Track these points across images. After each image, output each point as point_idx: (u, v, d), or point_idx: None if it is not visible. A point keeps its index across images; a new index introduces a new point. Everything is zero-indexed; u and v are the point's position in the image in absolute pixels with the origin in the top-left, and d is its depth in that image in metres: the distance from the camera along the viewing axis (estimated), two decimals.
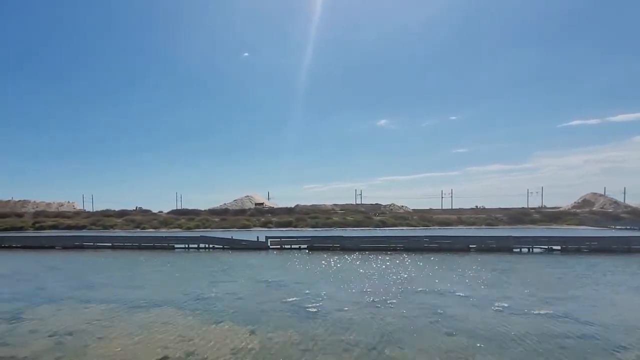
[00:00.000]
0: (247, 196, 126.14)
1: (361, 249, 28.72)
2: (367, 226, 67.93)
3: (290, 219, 73.69)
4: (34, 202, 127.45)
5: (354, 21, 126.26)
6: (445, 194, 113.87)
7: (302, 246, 30.20)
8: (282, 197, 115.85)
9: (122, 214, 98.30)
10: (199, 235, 33.19)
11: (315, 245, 29.95)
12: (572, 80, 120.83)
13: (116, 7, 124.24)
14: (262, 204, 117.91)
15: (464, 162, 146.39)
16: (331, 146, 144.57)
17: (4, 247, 35.71)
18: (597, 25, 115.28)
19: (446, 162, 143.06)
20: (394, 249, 28.29)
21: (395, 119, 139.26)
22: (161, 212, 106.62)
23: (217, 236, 33.45)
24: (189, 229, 69.81)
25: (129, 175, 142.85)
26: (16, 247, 35.49)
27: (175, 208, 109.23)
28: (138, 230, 70.76)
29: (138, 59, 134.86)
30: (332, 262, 22.74)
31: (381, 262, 22.15)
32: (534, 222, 64.86)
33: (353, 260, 23.64)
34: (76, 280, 17.03)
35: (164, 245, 32.76)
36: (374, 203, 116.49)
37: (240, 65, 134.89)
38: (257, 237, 31.48)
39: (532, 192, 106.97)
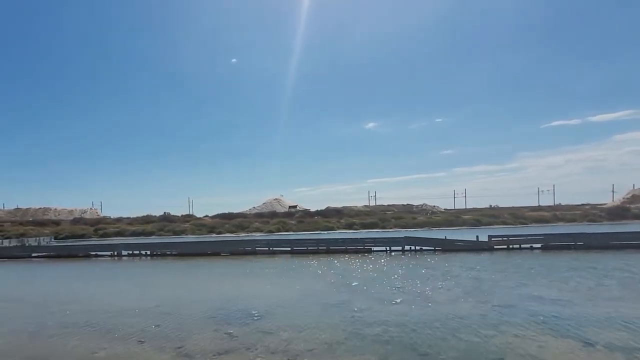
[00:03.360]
0: (276, 199, 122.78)
1: (610, 247, 25.29)
2: (461, 225, 64.57)
3: (373, 220, 69.92)
4: (55, 209, 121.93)
5: (341, 26, 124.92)
6: (458, 194, 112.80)
7: (535, 245, 26.64)
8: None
9: (164, 218, 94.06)
10: (402, 237, 29.34)
11: (551, 244, 26.41)
12: (552, 82, 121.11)
13: (104, 16, 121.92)
14: (296, 206, 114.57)
15: (450, 164, 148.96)
16: (320, 149, 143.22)
17: (156, 255, 31.40)
18: (576, 30, 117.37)
19: (434, 164, 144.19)
20: None
21: (384, 122, 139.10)
22: (195, 217, 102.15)
23: (422, 236, 29.66)
24: (270, 232, 65.59)
25: (119, 182, 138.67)
26: (171, 255, 31.19)
27: (188, 213, 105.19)
28: (213, 235, 66.17)
29: (125, 66, 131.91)
30: None
31: None
32: (637, 217, 62.34)
33: None
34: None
35: (359, 248, 28.86)
36: (405, 204, 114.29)
37: (229, 71, 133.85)
38: (477, 236, 27.78)
39: (542, 191, 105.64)
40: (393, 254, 27.96)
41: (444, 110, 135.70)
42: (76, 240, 64.47)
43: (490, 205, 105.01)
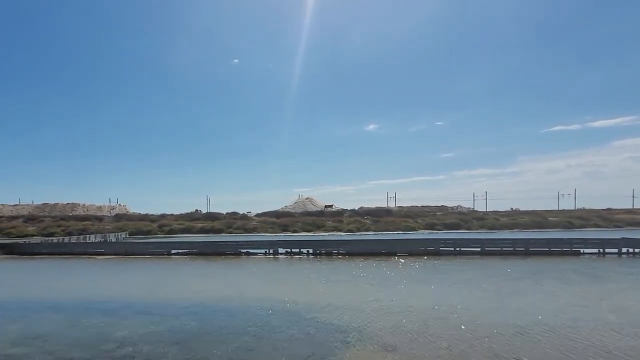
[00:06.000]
0: (308, 198, 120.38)
1: None
2: (552, 228, 61.48)
3: (454, 220, 66.82)
4: (83, 205, 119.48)
5: (341, 27, 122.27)
6: (477, 197, 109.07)
7: None
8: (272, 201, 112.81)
9: (209, 216, 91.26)
10: (618, 237, 26.27)
11: None
12: (553, 87, 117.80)
13: (105, 15, 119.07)
14: (332, 205, 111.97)
15: (450, 167, 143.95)
16: (320, 150, 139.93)
17: (320, 254, 28.32)
18: (577, 34, 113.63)
19: (434, 167, 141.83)
20: None
21: (384, 124, 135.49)
22: (239, 215, 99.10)
23: (631, 237, 26.60)
24: (350, 231, 62.55)
25: (124, 180, 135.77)
26: (338, 254, 28.12)
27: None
28: (289, 232, 63.10)
29: (127, 66, 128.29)
30: None
31: None
32: None
33: None
34: None
35: (565, 250, 25.77)
36: (439, 205, 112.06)
37: (231, 71, 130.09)
38: None
39: (562, 195, 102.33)
40: (607, 257, 24.94)
41: (445, 112, 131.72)
42: (144, 237, 61.84)
43: (511, 209, 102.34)
